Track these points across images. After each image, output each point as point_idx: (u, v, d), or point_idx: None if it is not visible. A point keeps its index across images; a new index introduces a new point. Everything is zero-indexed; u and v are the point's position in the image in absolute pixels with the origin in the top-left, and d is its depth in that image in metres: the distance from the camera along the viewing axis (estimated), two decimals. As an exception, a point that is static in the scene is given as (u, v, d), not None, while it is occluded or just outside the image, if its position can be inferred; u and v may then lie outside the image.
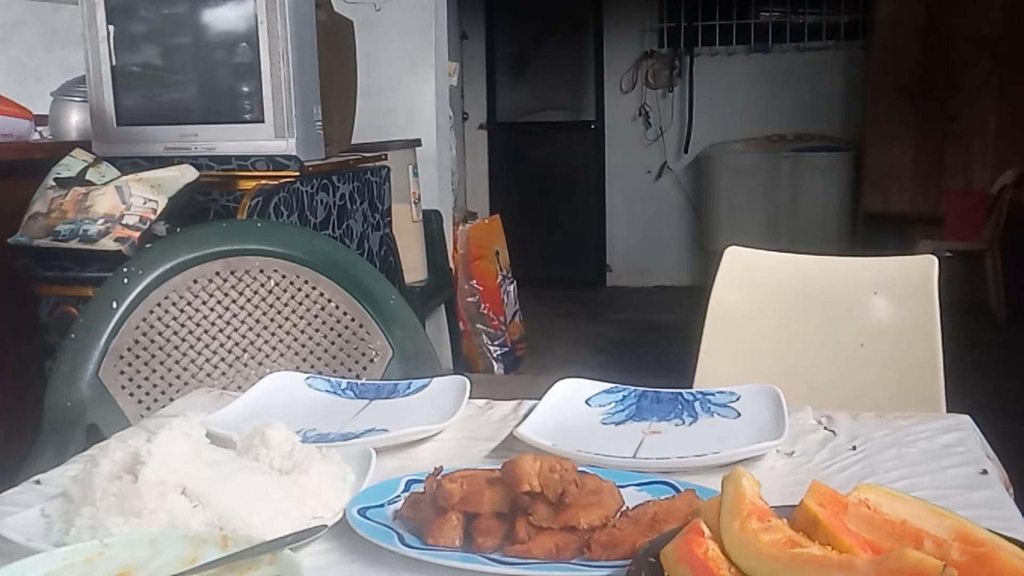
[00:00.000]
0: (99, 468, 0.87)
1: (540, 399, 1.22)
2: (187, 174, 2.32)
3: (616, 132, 6.93)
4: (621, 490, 0.88)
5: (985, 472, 0.97)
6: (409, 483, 0.94)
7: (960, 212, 5.51)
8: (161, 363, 1.58)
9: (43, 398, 1.50)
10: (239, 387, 1.51)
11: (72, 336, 1.54)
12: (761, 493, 0.75)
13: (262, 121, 2.39)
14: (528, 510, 0.82)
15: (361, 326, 1.67)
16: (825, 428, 1.13)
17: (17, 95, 2.70)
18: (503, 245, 4.75)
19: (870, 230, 5.96)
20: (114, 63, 2.44)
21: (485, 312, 4.51)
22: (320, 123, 2.50)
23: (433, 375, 1.37)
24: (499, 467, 0.85)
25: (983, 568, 0.66)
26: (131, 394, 1.55)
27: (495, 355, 4.54)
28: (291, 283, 1.68)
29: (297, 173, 2.42)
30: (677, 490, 0.90)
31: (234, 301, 1.66)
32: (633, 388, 1.26)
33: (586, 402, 1.24)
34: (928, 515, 0.73)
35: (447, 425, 1.15)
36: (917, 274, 1.62)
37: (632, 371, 3.90)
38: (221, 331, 1.64)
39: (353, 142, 3.01)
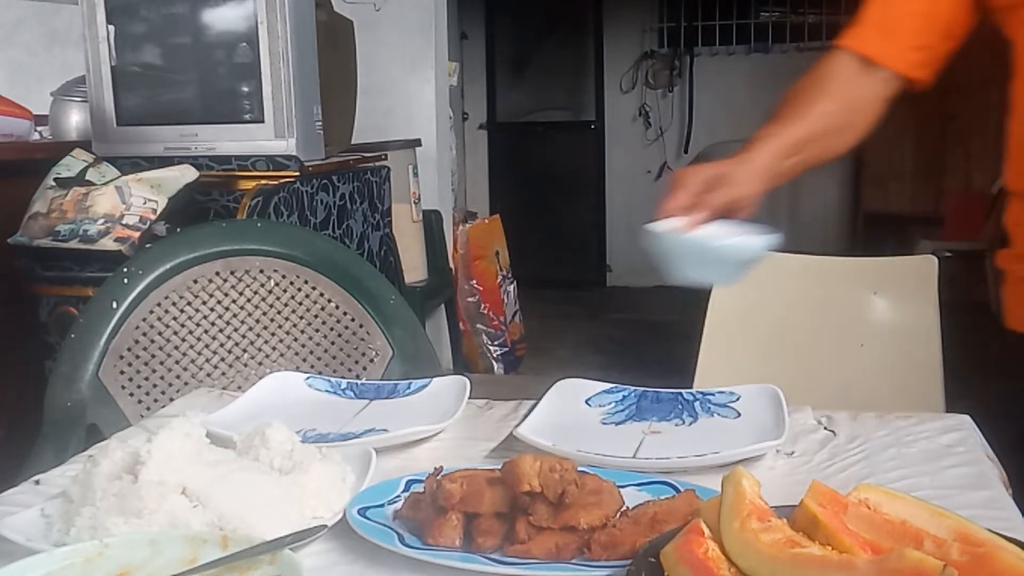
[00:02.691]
0: (99, 468, 0.87)
1: (540, 399, 1.22)
2: (187, 174, 2.32)
3: (616, 132, 6.92)
4: (621, 490, 0.88)
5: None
6: (409, 483, 0.94)
7: (960, 212, 5.50)
8: (161, 363, 1.58)
9: (43, 398, 1.50)
10: (239, 387, 1.51)
11: (72, 336, 1.54)
12: (761, 493, 0.75)
13: (262, 121, 2.39)
14: (528, 510, 0.82)
15: (361, 326, 1.67)
16: (825, 428, 1.13)
17: (17, 95, 2.70)
18: (503, 245, 4.75)
19: (870, 230, 5.95)
20: (114, 63, 2.44)
21: (485, 312, 4.51)
22: (320, 123, 2.50)
23: (433, 375, 1.37)
24: (499, 467, 0.85)
25: (983, 568, 0.65)
26: (131, 394, 1.55)
27: (495, 355, 4.54)
28: (291, 283, 1.68)
29: (297, 173, 2.42)
30: (677, 490, 0.90)
31: (234, 301, 1.65)
32: (633, 388, 1.26)
33: (586, 402, 1.24)
34: (928, 515, 0.73)
35: (447, 425, 1.15)
36: (917, 274, 1.62)
37: (632, 371, 3.88)
38: (221, 331, 1.64)
39: (353, 142, 3.01)
